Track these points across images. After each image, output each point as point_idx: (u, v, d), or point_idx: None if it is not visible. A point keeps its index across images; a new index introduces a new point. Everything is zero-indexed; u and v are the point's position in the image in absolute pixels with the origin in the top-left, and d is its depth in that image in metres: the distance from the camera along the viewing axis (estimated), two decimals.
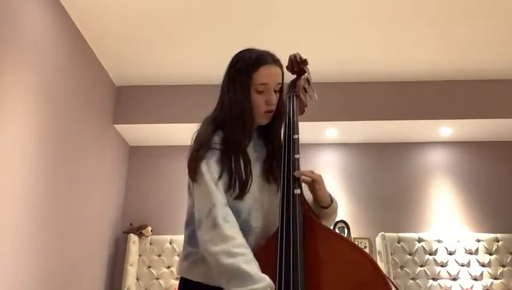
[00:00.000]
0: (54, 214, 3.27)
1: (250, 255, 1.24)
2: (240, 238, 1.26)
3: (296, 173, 1.40)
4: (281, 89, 1.54)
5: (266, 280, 1.18)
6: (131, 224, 4.49)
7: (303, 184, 1.40)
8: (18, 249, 2.83)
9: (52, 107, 3.27)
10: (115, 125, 4.47)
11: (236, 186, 1.39)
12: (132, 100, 4.51)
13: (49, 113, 3.23)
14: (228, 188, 1.38)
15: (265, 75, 1.47)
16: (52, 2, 3.29)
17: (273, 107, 1.50)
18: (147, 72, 4.37)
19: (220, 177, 1.37)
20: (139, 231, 4.39)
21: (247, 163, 1.43)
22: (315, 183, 1.41)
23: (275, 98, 1.49)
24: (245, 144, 1.46)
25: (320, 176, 1.43)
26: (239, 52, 1.55)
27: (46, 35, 3.21)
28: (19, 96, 2.87)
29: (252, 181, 1.42)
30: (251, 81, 1.46)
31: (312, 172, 1.43)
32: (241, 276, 1.18)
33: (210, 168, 1.37)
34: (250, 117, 1.47)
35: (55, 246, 3.28)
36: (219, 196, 1.32)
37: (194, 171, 1.39)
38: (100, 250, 4.15)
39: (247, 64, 1.48)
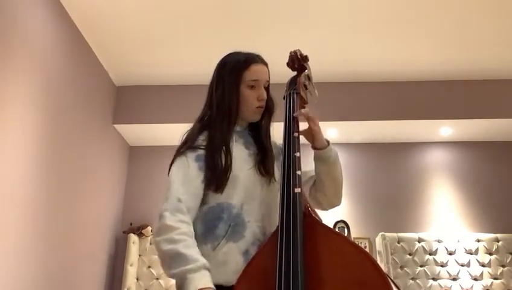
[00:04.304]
0: (54, 214, 3.26)
1: (191, 242, 1.28)
2: (184, 228, 1.30)
3: (295, 114, 1.50)
4: (268, 87, 1.60)
5: (200, 260, 1.24)
6: (131, 224, 4.48)
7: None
8: (18, 250, 2.83)
9: (52, 107, 3.27)
10: (115, 125, 4.47)
11: (217, 179, 1.42)
12: (132, 100, 4.51)
13: (49, 113, 3.23)
14: (210, 183, 1.42)
15: (256, 72, 1.55)
16: (52, 2, 3.29)
17: (264, 103, 1.56)
18: (147, 72, 4.37)
19: (194, 174, 1.42)
20: (139, 231, 4.38)
21: (229, 157, 1.46)
22: (310, 120, 1.51)
23: (265, 93, 1.56)
24: (229, 139, 1.49)
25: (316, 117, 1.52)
26: (226, 55, 1.62)
27: (46, 36, 3.21)
28: (19, 96, 2.86)
29: (230, 173, 1.44)
30: (241, 80, 1.53)
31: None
32: (178, 258, 1.24)
33: (182, 164, 1.44)
34: (236, 114, 1.53)
35: (55, 246, 3.28)
36: (175, 192, 1.37)
37: (169, 167, 1.48)
38: (100, 250, 4.14)
39: (237, 64, 1.55)
